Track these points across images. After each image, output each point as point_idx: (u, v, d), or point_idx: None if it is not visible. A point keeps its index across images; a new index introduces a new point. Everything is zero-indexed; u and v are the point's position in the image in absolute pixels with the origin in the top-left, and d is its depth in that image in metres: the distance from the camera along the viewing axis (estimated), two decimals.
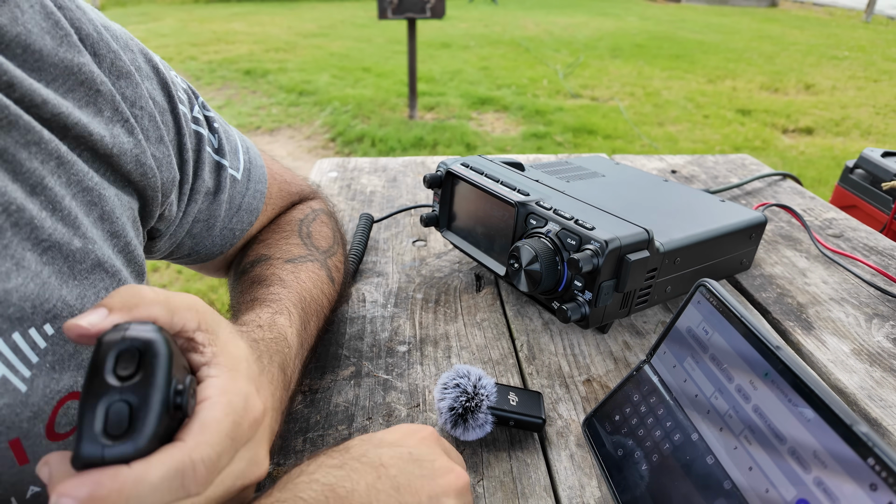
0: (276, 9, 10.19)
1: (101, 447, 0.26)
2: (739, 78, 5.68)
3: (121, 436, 0.26)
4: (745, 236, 0.66)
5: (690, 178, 1.03)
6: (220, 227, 0.54)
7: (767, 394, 0.33)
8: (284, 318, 0.46)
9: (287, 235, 0.58)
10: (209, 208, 0.52)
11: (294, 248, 0.56)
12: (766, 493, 0.31)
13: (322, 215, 0.63)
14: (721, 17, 10.80)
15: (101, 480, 0.25)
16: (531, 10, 10.75)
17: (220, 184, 0.52)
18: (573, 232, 0.53)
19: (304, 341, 0.47)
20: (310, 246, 0.57)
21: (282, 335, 0.44)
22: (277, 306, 0.47)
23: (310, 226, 0.60)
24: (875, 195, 1.16)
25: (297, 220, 0.60)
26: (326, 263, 0.57)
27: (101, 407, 0.26)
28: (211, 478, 0.28)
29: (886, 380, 0.55)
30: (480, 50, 6.64)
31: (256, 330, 0.42)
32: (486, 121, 4.24)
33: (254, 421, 0.32)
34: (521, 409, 0.48)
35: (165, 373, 0.27)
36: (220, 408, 0.30)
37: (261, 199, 0.57)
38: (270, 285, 0.49)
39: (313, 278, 0.53)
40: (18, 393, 0.32)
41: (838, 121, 4.42)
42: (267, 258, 0.54)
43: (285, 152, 3.58)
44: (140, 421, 0.26)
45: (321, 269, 0.55)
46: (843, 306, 0.67)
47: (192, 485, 0.27)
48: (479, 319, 0.64)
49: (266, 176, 0.59)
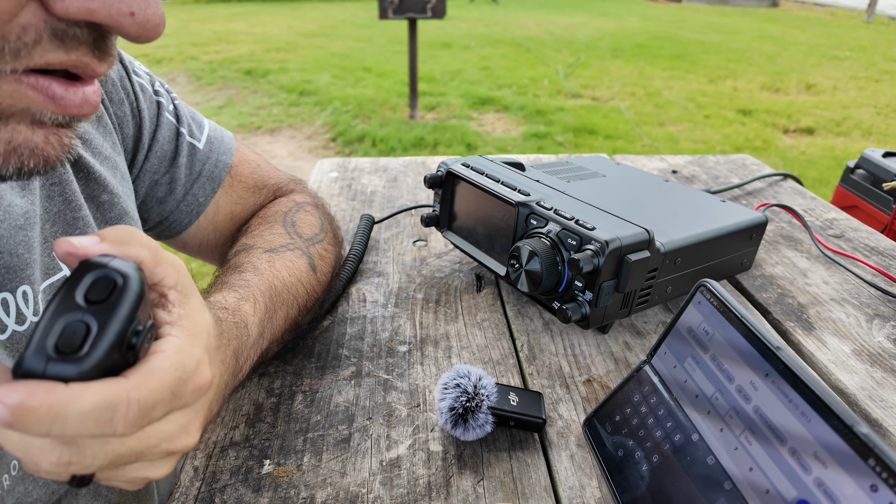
0: (277, 9, 10.20)
1: (45, 361, 0.26)
2: (740, 78, 5.67)
3: (68, 354, 0.26)
4: (746, 236, 0.66)
5: (691, 179, 1.03)
6: (182, 192, 0.58)
7: (768, 394, 0.33)
8: (249, 306, 0.46)
9: (271, 226, 0.60)
10: (169, 171, 0.57)
11: (276, 238, 0.58)
12: (766, 493, 0.31)
13: (307, 206, 0.65)
14: (722, 17, 10.80)
15: (36, 391, 0.25)
16: (532, 10, 10.75)
17: (177, 148, 0.58)
18: (574, 232, 0.53)
19: (265, 331, 0.48)
20: (293, 234, 0.59)
21: (243, 322, 0.44)
22: (245, 293, 0.47)
23: (294, 216, 0.62)
24: (876, 195, 1.16)
25: (282, 211, 0.62)
26: (309, 251, 0.58)
27: (61, 323, 0.27)
28: (140, 423, 0.28)
29: (887, 380, 0.55)
30: (481, 50, 6.64)
31: (221, 311, 0.43)
32: (486, 121, 4.24)
33: (199, 387, 0.32)
34: (521, 409, 0.48)
35: (130, 308, 0.28)
36: (171, 362, 0.30)
37: (223, 170, 0.61)
38: (243, 272, 0.50)
39: (290, 267, 0.54)
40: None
41: (839, 121, 4.41)
42: (249, 247, 0.56)
43: (286, 152, 3.58)
44: (92, 345, 0.27)
45: (302, 258, 0.57)
46: (844, 307, 0.67)
47: (120, 422, 0.27)
48: (479, 319, 0.64)
49: (233, 151, 0.63)
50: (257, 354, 0.47)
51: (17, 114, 0.28)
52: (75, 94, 0.29)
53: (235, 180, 0.63)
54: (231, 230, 0.63)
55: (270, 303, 0.49)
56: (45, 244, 0.42)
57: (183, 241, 0.62)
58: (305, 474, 0.45)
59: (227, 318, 0.43)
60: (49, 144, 0.29)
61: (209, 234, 0.62)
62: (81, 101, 0.29)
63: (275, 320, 0.50)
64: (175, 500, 0.42)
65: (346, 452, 0.47)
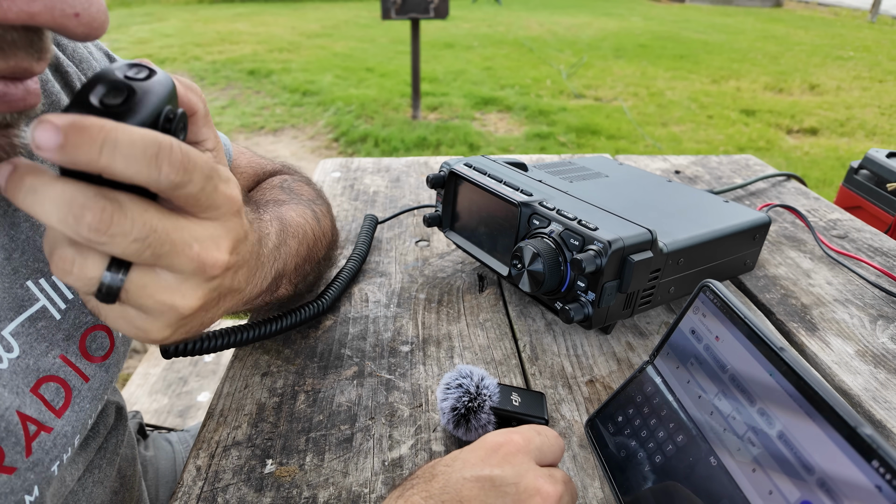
0: (280, 9, 10.21)
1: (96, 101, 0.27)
2: (743, 78, 5.66)
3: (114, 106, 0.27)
4: (749, 237, 0.66)
5: (694, 179, 1.03)
6: None
7: (771, 395, 0.33)
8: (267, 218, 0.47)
9: (271, 190, 0.62)
10: None
11: (279, 196, 0.59)
12: (769, 494, 0.31)
13: (299, 180, 0.67)
14: (725, 17, 10.78)
15: (87, 118, 0.25)
16: (535, 10, 10.75)
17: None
18: (576, 232, 0.53)
19: (280, 247, 0.48)
20: (293, 195, 0.61)
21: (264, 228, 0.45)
22: (260, 214, 0.48)
23: (291, 184, 0.64)
24: (880, 196, 1.16)
25: (278, 183, 0.64)
26: (311, 206, 0.60)
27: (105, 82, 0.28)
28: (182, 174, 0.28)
29: (891, 381, 0.55)
30: (484, 50, 6.64)
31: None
32: (489, 121, 4.24)
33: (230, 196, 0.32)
34: (523, 409, 0.48)
35: (167, 90, 0.29)
36: (207, 157, 0.30)
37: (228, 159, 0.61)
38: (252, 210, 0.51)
39: (297, 211, 0.56)
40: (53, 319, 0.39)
41: (843, 121, 4.40)
42: (253, 201, 0.57)
43: (289, 152, 3.59)
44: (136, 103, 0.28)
45: (306, 209, 0.58)
46: (848, 307, 0.67)
47: (165, 164, 0.27)
48: (481, 320, 0.64)
49: (230, 145, 0.64)
50: (274, 268, 0.47)
51: None
52: (16, 87, 0.28)
53: (237, 171, 0.64)
54: None
55: (282, 230, 0.49)
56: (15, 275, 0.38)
57: None
58: (308, 474, 0.45)
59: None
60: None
61: None
62: (24, 93, 0.28)
63: (288, 246, 0.50)
64: (178, 500, 0.42)
65: (349, 452, 0.47)
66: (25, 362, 0.38)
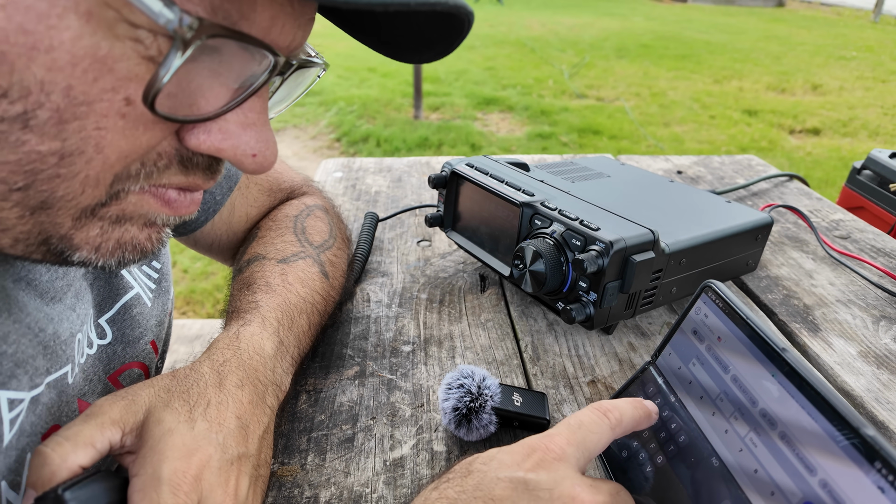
0: None
1: None
2: (746, 78, 5.65)
3: None
4: (752, 237, 0.66)
5: (696, 179, 1.03)
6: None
7: (773, 396, 0.33)
8: (257, 327, 0.47)
9: (282, 232, 0.60)
10: None
11: (288, 247, 0.58)
12: (771, 495, 0.31)
13: (317, 210, 0.65)
14: (727, 17, 10.77)
15: None
16: (536, 10, 10.74)
17: None
18: (578, 232, 0.53)
19: (283, 340, 0.48)
20: (304, 242, 0.59)
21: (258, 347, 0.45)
22: (252, 316, 0.48)
23: (304, 221, 0.63)
24: (883, 196, 1.16)
25: (292, 216, 0.63)
26: (319, 259, 0.59)
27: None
28: None
29: (893, 382, 0.55)
30: (486, 50, 6.64)
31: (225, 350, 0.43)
32: (491, 121, 4.24)
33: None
34: (525, 409, 0.48)
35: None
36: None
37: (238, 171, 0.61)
38: (255, 291, 0.51)
39: (302, 277, 0.55)
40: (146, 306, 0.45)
41: (846, 121, 4.39)
42: (261, 257, 0.56)
43: (290, 152, 3.59)
44: None
45: (313, 266, 0.57)
46: (850, 308, 0.67)
47: None
48: (483, 320, 0.64)
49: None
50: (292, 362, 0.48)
51: (135, 217, 0.31)
52: (185, 197, 0.33)
53: (251, 181, 0.63)
54: (244, 233, 0.64)
55: (287, 316, 0.50)
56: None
57: (195, 239, 0.62)
58: (309, 474, 0.45)
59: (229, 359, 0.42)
60: (149, 240, 0.33)
61: (222, 235, 0.62)
62: (189, 202, 0.33)
63: (296, 328, 0.50)
64: None
65: (350, 452, 0.47)
66: (114, 349, 0.42)
